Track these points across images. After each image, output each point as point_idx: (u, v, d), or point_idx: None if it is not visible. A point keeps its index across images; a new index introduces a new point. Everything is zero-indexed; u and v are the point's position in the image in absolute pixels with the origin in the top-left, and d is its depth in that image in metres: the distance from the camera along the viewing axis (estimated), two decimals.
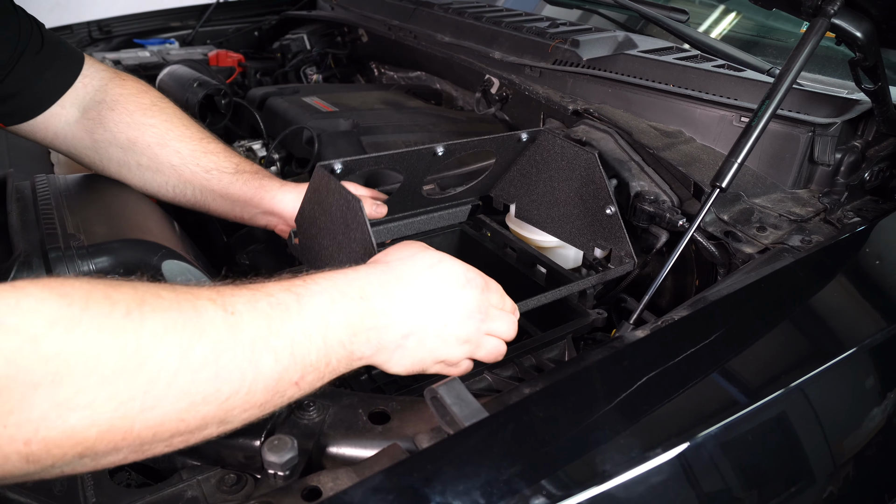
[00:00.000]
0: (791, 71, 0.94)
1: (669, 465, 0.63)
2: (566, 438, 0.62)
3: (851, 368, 0.80)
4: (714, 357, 0.73)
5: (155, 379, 0.55)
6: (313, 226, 0.99)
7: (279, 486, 0.67)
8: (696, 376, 0.70)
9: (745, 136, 0.94)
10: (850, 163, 1.18)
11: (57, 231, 0.93)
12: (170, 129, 1.11)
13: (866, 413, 0.86)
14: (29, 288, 0.52)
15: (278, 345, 0.63)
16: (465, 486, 0.57)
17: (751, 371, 0.73)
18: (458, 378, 0.69)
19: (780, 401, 0.73)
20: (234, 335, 0.60)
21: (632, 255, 1.01)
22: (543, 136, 1.10)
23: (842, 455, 0.81)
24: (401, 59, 2.01)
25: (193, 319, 0.58)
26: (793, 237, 1.06)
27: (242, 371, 0.60)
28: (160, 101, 1.14)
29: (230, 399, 0.60)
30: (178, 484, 0.71)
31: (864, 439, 0.85)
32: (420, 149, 0.99)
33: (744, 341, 0.76)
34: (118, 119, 1.09)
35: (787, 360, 0.77)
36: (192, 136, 1.12)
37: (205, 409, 0.58)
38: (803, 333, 0.81)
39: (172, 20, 2.33)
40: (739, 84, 1.23)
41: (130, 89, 1.12)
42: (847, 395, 0.82)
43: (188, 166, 1.11)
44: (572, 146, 1.07)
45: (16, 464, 0.50)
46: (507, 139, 1.09)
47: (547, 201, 1.15)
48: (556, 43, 1.44)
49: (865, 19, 0.96)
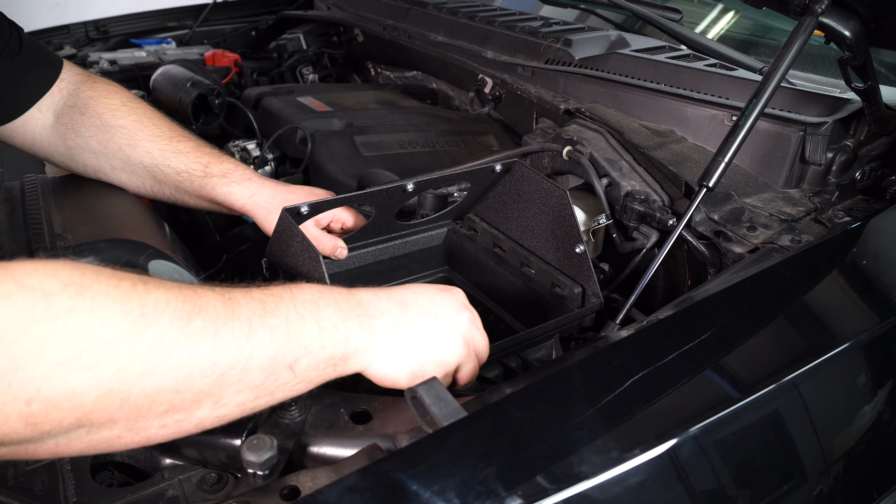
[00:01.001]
0: (779, 70, 0.94)
1: (648, 465, 0.62)
2: (544, 439, 0.61)
3: (836, 368, 0.80)
4: (697, 357, 0.73)
5: (156, 346, 0.57)
6: (281, 264, 1.00)
7: (258, 486, 0.67)
8: (678, 376, 0.70)
9: (732, 135, 0.94)
10: (841, 162, 1.17)
11: (44, 231, 0.93)
12: (139, 129, 1.10)
13: (854, 411, 0.85)
14: (44, 261, 0.56)
15: (273, 322, 0.65)
16: (441, 486, 0.57)
17: (733, 371, 0.73)
18: (437, 378, 0.69)
19: (763, 401, 0.73)
20: (231, 312, 0.63)
21: (598, 294, 1.01)
22: (518, 168, 1.09)
23: (832, 452, 0.81)
24: (396, 59, 2.01)
25: (193, 298, 0.61)
26: (782, 237, 1.05)
27: (240, 345, 0.62)
28: (130, 102, 1.13)
29: (226, 374, 0.61)
30: (159, 483, 0.71)
31: (853, 437, 0.85)
32: (390, 186, 0.99)
33: (727, 341, 0.75)
34: (89, 123, 1.09)
35: (770, 359, 0.76)
36: (161, 134, 1.11)
37: (201, 383, 0.60)
38: (786, 334, 0.81)
39: (169, 20, 2.34)
40: (731, 83, 1.23)
41: (100, 91, 1.12)
42: (833, 395, 0.82)
43: (159, 167, 1.11)
44: (545, 181, 1.04)
45: (14, 426, 0.51)
46: (481, 171, 1.07)
47: (522, 230, 1.13)
48: (549, 42, 1.44)
49: (853, 18, 0.96)
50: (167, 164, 1.11)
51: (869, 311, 0.88)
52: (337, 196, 0.96)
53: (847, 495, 0.83)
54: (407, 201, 1.06)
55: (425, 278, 1.27)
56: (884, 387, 0.89)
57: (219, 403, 0.62)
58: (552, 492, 0.58)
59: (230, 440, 0.72)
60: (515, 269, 1.15)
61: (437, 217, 1.19)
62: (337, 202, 0.96)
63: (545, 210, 1.06)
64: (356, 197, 0.97)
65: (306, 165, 1.54)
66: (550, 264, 1.08)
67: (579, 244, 1.01)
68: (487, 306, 1.21)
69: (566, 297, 1.06)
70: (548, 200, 1.05)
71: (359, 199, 0.97)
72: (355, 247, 1.14)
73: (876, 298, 0.92)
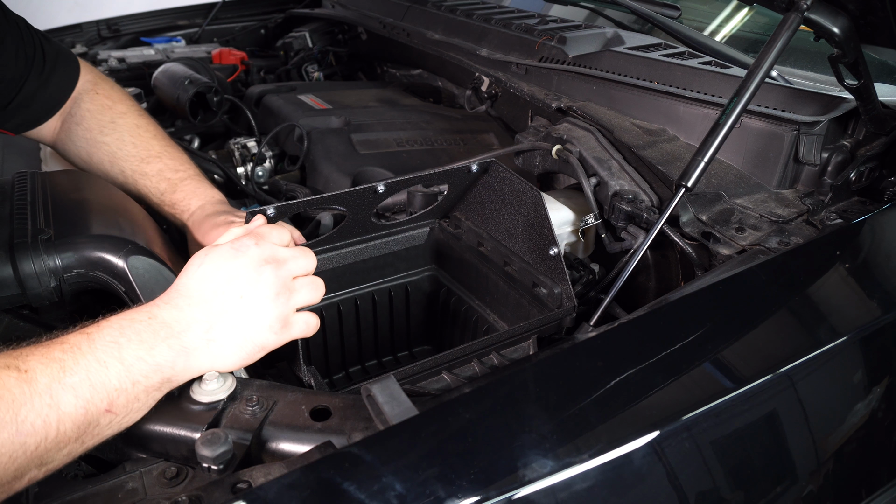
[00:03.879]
0: (762, 67, 0.91)
1: (597, 472, 0.61)
2: (489, 440, 0.61)
3: (805, 377, 0.77)
4: (658, 359, 0.71)
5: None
6: None
7: (213, 480, 0.68)
8: (636, 379, 0.68)
9: (712, 134, 0.92)
10: (837, 163, 1.14)
11: (27, 225, 0.95)
12: (119, 147, 1.19)
13: (823, 419, 0.83)
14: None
15: (74, 381, 0.66)
16: (380, 486, 0.57)
17: (694, 376, 0.71)
18: (394, 376, 0.69)
19: (721, 409, 0.71)
20: (28, 387, 0.64)
21: (572, 297, 0.99)
22: (494, 168, 1.07)
23: (825, 452, 0.79)
24: (398, 57, 2.01)
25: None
26: (771, 239, 1.03)
27: (45, 418, 0.63)
28: (120, 118, 1.21)
29: (40, 446, 0.63)
30: (120, 475, 0.72)
31: (840, 439, 0.83)
32: (361, 188, 0.98)
33: (691, 345, 0.74)
34: (81, 135, 1.20)
35: (737, 364, 0.75)
36: (134, 155, 1.19)
37: (16, 464, 0.61)
38: (754, 339, 0.78)
39: (180, 18, 2.36)
40: (724, 81, 1.21)
41: (98, 105, 1.20)
42: (806, 400, 0.79)
43: (129, 186, 1.19)
44: (519, 181, 1.03)
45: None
46: (457, 171, 1.06)
47: (501, 230, 1.12)
48: (544, 40, 1.43)
49: (842, 14, 0.93)
50: (134, 184, 1.19)
51: (841, 318, 0.86)
52: (306, 198, 0.96)
53: (832, 496, 0.81)
54: (380, 203, 1.05)
55: (412, 277, 1.27)
56: (863, 392, 0.86)
57: (44, 465, 0.65)
58: (493, 496, 0.57)
59: (189, 434, 0.72)
60: (499, 268, 1.14)
61: (416, 217, 1.19)
62: (305, 204, 0.96)
63: (521, 210, 1.05)
64: (325, 199, 0.96)
65: (303, 163, 1.55)
66: (530, 264, 1.07)
67: (553, 246, 0.99)
68: (472, 305, 1.21)
69: (546, 297, 1.05)
70: (523, 201, 1.04)
71: (328, 200, 0.97)
72: (335, 247, 1.14)
73: (852, 304, 0.90)
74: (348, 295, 1.22)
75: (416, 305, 1.29)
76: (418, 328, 1.32)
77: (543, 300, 1.07)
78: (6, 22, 1.10)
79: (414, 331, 1.32)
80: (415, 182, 1.03)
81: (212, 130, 1.86)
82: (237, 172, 1.60)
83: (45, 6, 3.19)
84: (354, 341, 1.27)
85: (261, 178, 1.60)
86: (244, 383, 0.80)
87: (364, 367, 1.31)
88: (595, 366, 0.70)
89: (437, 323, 1.31)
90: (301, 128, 1.56)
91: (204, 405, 0.75)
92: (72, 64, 1.20)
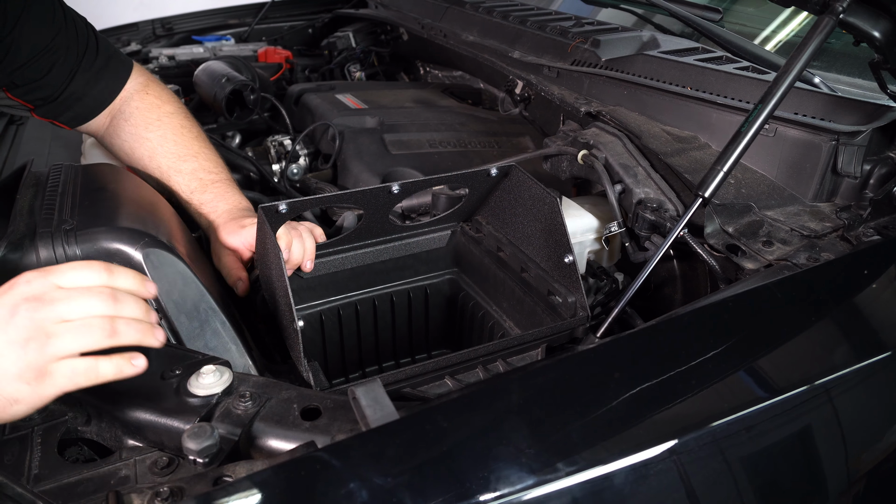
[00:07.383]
0: (790, 73, 0.87)
1: (579, 488, 0.59)
2: (463, 449, 0.59)
3: (798, 405, 0.72)
4: (653, 374, 0.69)
5: None
6: (261, 260, 1.02)
7: (197, 472, 0.69)
8: (624, 394, 0.66)
9: (734, 142, 0.88)
10: (881, 175, 1.08)
11: (53, 215, 0.98)
12: (160, 144, 1.23)
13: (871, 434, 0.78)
14: None
15: None
16: (349, 490, 0.56)
17: (688, 395, 0.68)
18: (379, 379, 0.69)
19: (711, 433, 0.67)
20: None
21: (585, 307, 0.96)
22: (514, 172, 1.05)
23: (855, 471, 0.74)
24: (437, 58, 2.01)
25: None
26: (800, 254, 0.98)
27: None
28: (166, 117, 1.25)
29: None
30: (115, 462, 0.74)
31: (873, 459, 0.78)
32: (375, 188, 0.98)
33: (689, 362, 0.70)
34: (128, 130, 1.24)
35: (738, 381, 0.71)
36: (173, 152, 1.23)
37: None
38: (750, 361, 0.74)
39: (231, 17, 2.43)
40: (760, 87, 1.15)
41: (147, 104, 1.25)
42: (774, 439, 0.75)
43: (163, 181, 1.23)
44: (537, 187, 1.01)
45: None
46: (476, 175, 1.05)
47: (520, 235, 1.10)
48: (577, 42, 1.40)
49: (883, 16, 0.88)
50: (167, 179, 1.23)
51: (852, 347, 0.80)
52: (317, 195, 0.96)
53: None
54: (396, 203, 1.05)
55: (432, 279, 1.26)
56: None
57: None
58: None
59: (181, 425, 0.73)
60: (516, 274, 1.13)
61: (437, 220, 1.18)
62: (316, 201, 0.97)
63: (539, 216, 1.03)
64: (337, 196, 0.97)
65: (335, 161, 1.57)
66: (546, 271, 1.05)
67: (568, 254, 0.97)
68: (489, 311, 1.19)
69: (560, 305, 1.03)
70: (541, 206, 1.01)
71: (340, 198, 0.97)
72: (354, 247, 1.14)
73: (863, 334, 0.83)
74: (366, 295, 1.22)
75: (435, 308, 1.29)
76: (437, 331, 1.31)
77: (557, 308, 1.04)
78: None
79: (433, 334, 1.32)
80: (431, 184, 1.02)
81: (253, 127, 1.90)
82: (271, 169, 1.63)
83: (112, 4, 3.34)
84: (372, 342, 1.27)
85: (295, 175, 1.62)
86: (242, 378, 0.81)
87: (381, 368, 1.31)
88: (586, 378, 0.67)
89: (456, 327, 1.30)
90: (334, 126, 1.58)
91: (199, 398, 0.76)
92: (124, 64, 1.27)
